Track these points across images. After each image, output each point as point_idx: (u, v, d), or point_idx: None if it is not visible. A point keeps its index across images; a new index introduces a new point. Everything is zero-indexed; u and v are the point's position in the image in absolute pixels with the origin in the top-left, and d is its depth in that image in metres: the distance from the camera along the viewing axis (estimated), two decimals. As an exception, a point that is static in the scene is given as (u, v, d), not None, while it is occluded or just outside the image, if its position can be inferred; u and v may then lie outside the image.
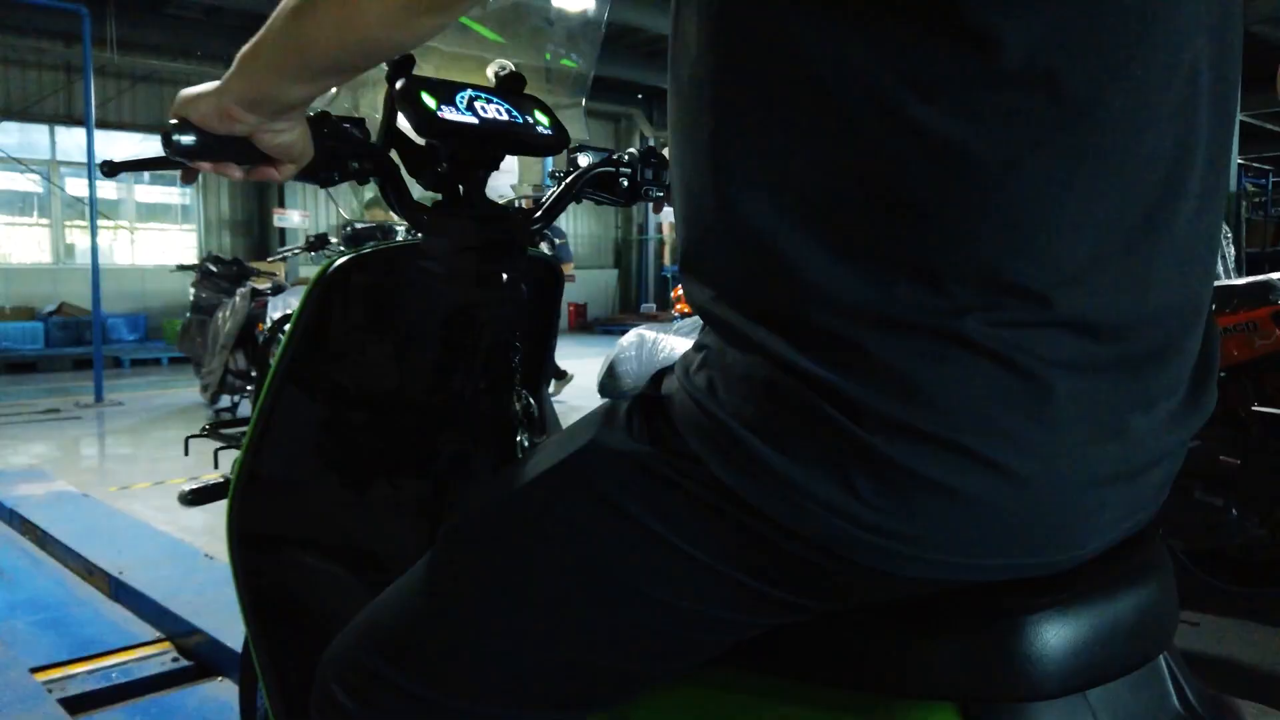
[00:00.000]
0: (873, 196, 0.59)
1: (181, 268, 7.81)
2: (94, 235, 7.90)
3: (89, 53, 7.89)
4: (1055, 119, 0.57)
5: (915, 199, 0.58)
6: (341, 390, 1.21)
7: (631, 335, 2.97)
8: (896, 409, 0.58)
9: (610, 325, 19.14)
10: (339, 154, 1.05)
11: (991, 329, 0.58)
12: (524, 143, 1.22)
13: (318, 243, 4.62)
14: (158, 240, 13.92)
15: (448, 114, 1.13)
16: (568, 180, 1.32)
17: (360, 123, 1.11)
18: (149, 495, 4.61)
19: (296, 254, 4.95)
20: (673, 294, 14.46)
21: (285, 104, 0.84)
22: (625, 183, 1.35)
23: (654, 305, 18.78)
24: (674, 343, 2.84)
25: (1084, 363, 0.60)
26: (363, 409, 1.23)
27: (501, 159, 1.25)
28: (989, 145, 0.57)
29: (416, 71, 1.18)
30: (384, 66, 1.16)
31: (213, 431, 2.56)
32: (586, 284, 17.60)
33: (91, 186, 7.99)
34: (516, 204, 1.81)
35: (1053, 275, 0.58)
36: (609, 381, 2.91)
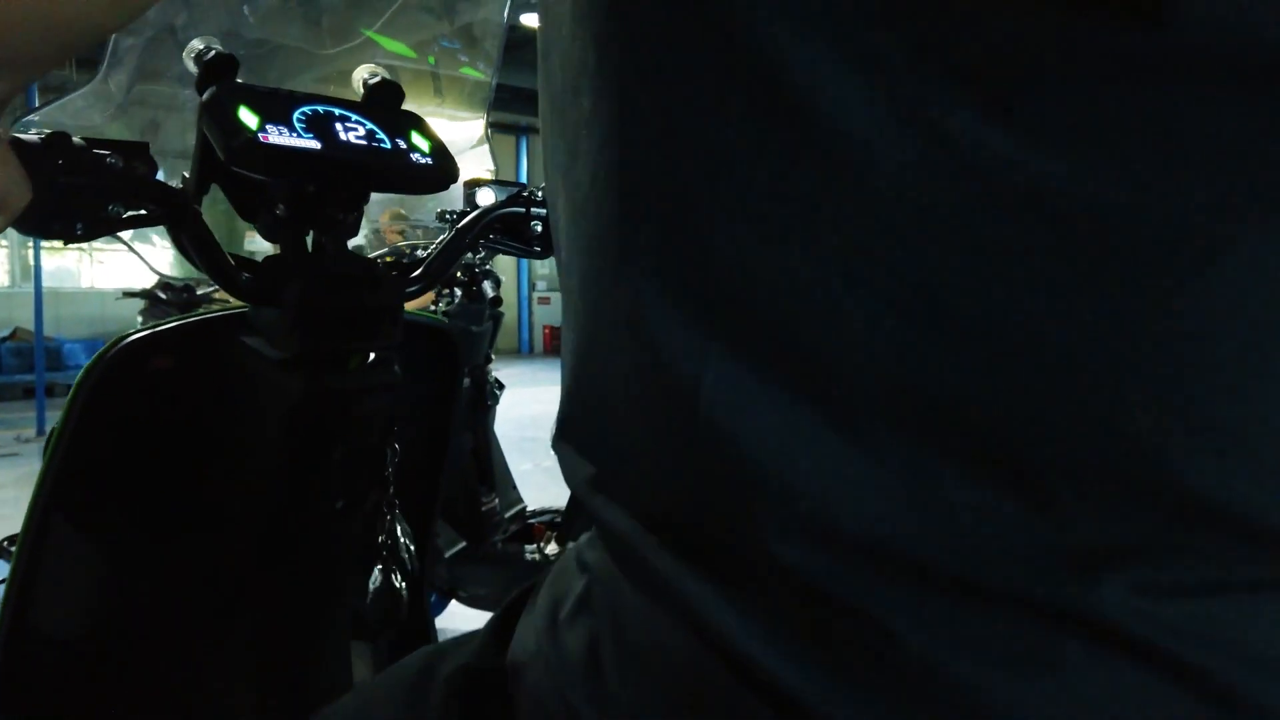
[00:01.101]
0: (918, 315, 0.29)
1: (128, 294, 7.41)
2: (37, 257, 7.54)
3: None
4: None
5: (1002, 318, 0.28)
6: (135, 521, 0.87)
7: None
8: None
9: (587, 349, 18.78)
10: (87, 195, 0.72)
11: (1161, 605, 0.28)
12: (392, 176, 0.89)
13: (180, 298, 2.83)
14: (122, 263, 13.49)
15: (275, 136, 0.80)
16: (462, 224, 0.99)
17: (140, 150, 0.77)
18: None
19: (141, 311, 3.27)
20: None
21: None
22: (540, 227, 1.02)
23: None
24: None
25: None
26: (166, 544, 0.89)
27: (364, 198, 0.92)
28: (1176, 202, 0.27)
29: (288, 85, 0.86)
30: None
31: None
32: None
33: (35, 208, 7.62)
34: (378, 249, 1.47)
35: None
36: (563, 436, 2.57)
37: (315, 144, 0.84)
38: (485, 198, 1.02)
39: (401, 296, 0.93)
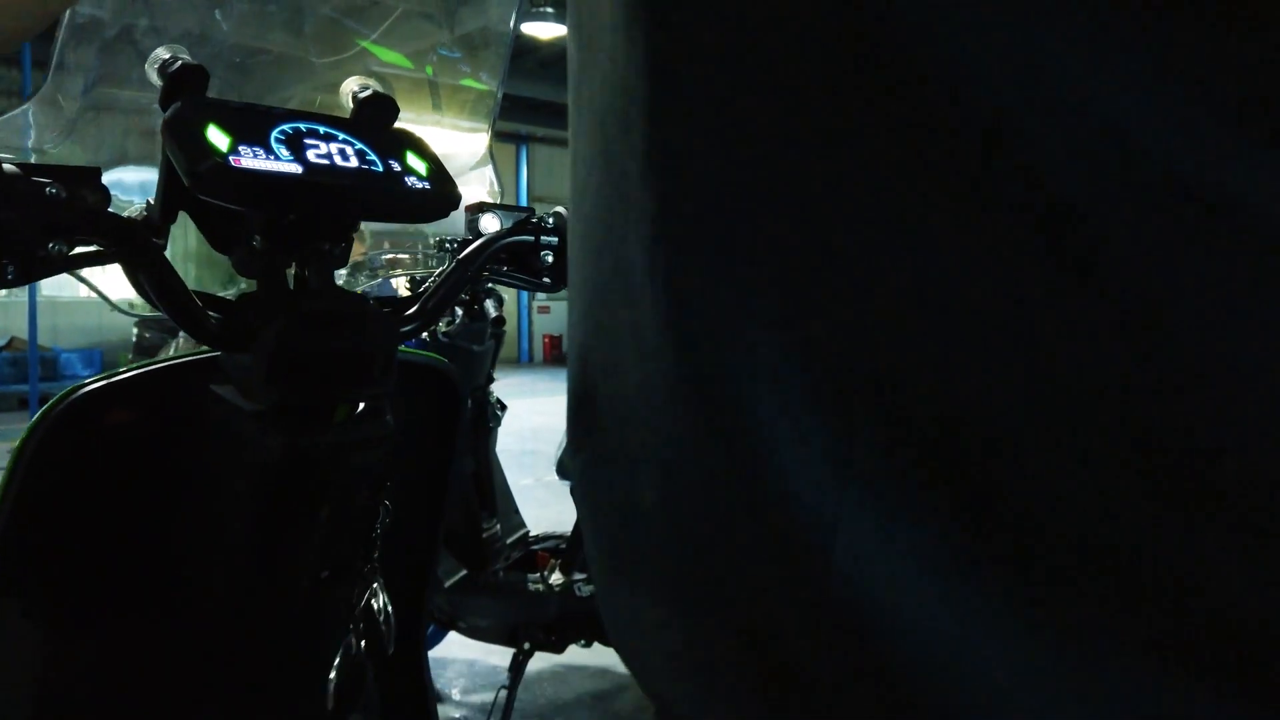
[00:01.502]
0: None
1: (118, 309, 7.32)
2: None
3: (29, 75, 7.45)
4: None
5: None
6: (88, 600, 0.76)
7: (594, 407, 2.52)
8: None
9: (587, 358, 18.70)
10: (20, 232, 0.61)
11: None
12: (384, 202, 0.79)
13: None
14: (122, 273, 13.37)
15: (249, 160, 0.70)
16: (464, 254, 0.88)
17: (89, 176, 0.67)
18: None
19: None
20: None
21: None
22: (550, 258, 0.92)
23: (632, 338, 18.38)
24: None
25: None
26: (122, 626, 0.78)
27: (352, 227, 0.82)
28: None
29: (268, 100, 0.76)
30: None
31: None
32: (562, 314, 17.26)
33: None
34: (371, 284, 1.36)
35: None
36: (568, 461, 2.46)
37: (295, 167, 0.74)
38: (489, 225, 0.92)
39: (395, 338, 0.82)
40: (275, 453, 0.74)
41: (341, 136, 0.80)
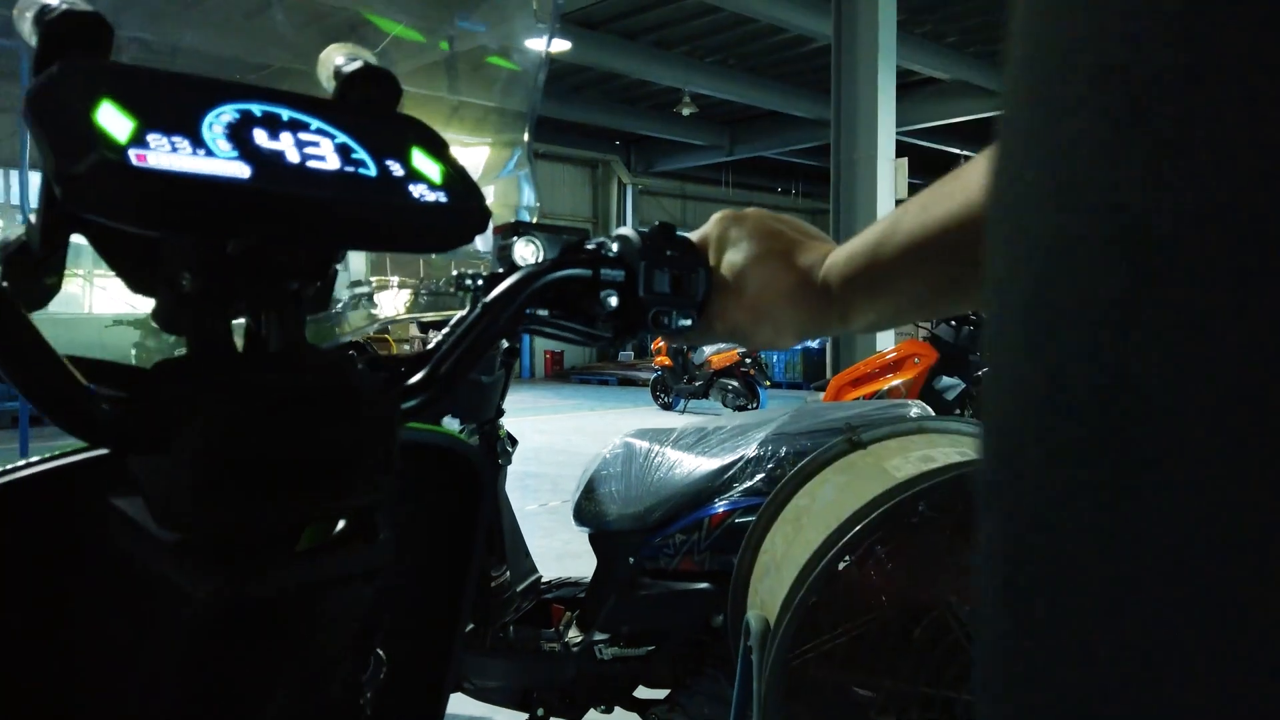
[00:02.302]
0: None
1: (119, 322, 7.04)
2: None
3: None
4: None
5: None
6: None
7: (617, 445, 2.25)
8: None
9: (588, 374, 18.48)
10: None
11: None
12: (376, 222, 0.53)
13: None
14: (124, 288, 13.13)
15: (162, 155, 0.45)
16: (494, 297, 0.63)
17: None
18: None
19: None
20: (652, 345, 13.85)
21: None
22: (614, 300, 0.66)
23: (631, 354, 18.14)
24: (674, 458, 2.13)
25: None
26: None
27: (335, 257, 0.56)
28: None
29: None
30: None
31: None
32: (563, 334, 17.02)
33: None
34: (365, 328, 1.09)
35: None
36: (588, 505, 2.19)
37: (241, 169, 0.49)
38: (526, 253, 0.66)
39: (393, 425, 0.56)
40: (199, 604, 0.48)
41: (316, 124, 0.55)
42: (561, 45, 10.69)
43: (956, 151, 16.82)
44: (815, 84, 13.69)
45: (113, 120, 0.47)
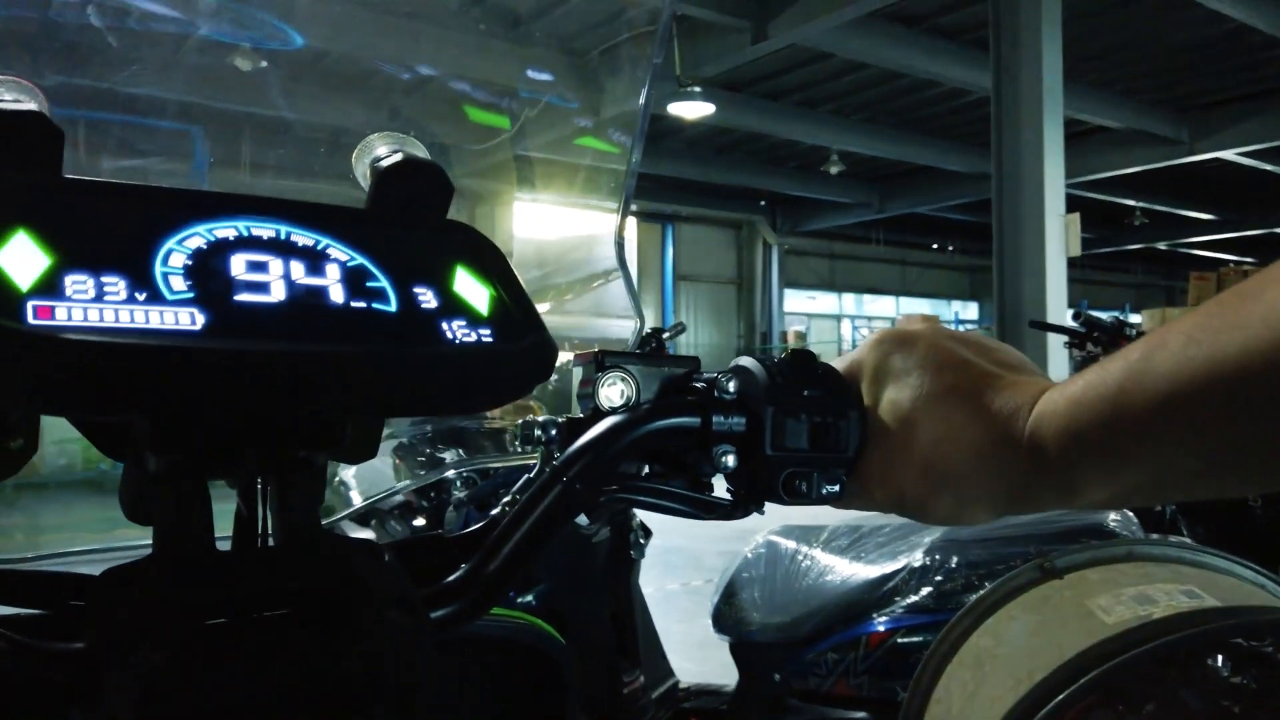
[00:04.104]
0: None
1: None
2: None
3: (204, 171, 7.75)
4: None
5: None
6: None
7: (760, 544, 2.04)
8: None
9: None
10: None
11: None
12: (391, 379, 0.37)
13: None
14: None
15: (79, 307, 0.30)
16: (571, 454, 0.46)
17: None
18: None
19: None
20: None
21: None
22: (731, 460, 0.48)
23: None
24: (825, 562, 1.90)
25: None
26: None
27: (337, 432, 0.40)
28: None
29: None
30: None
31: None
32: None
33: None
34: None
35: None
36: (728, 611, 1.99)
37: (191, 319, 0.34)
38: (614, 393, 0.49)
39: (418, 640, 0.40)
40: None
41: (325, 243, 0.40)
42: (704, 109, 10.69)
43: (1131, 204, 15.81)
44: (971, 137, 13.19)
45: (21, 260, 0.33)
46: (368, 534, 2.81)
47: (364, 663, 0.39)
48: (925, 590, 1.71)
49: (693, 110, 10.72)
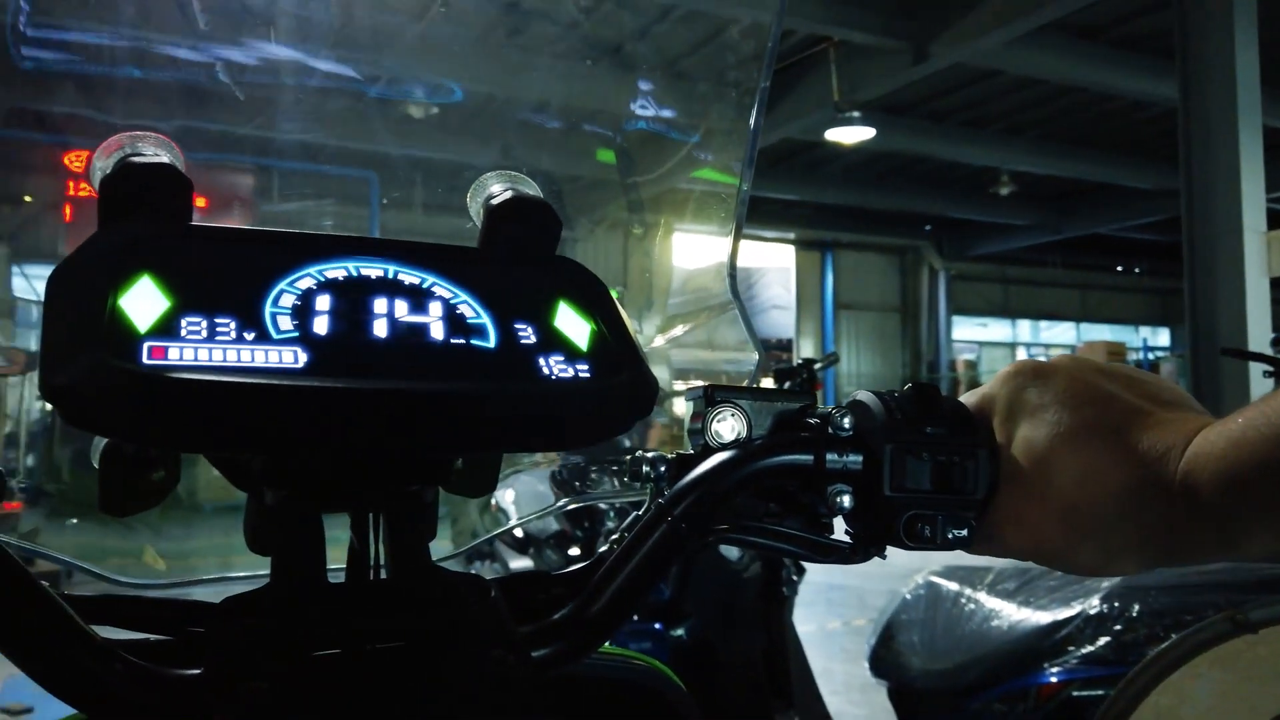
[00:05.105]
0: None
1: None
2: None
3: (375, 215, 8.27)
4: None
5: None
6: None
7: (919, 585, 1.95)
8: None
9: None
10: None
11: None
12: (484, 416, 0.36)
13: None
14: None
15: (185, 349, 0.33)
16: (680, 488, 0.45)
17: None
18: None
19: None
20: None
21: None
22: (847, 500, 0.45)
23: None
24: (990, 605, 1.79)
25: None
26: None
27: (445, 467, 0.41)
28: None
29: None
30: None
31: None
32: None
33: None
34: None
35: None
36: (886, 654, 1.90)
37: (295, 357, 0.35)
38: (725, 429, 0.47)
39: (520, 679, 0.40)
40: None
41: (431, 281, 0.41)
42: (864, 133, 10.49)
43: (1344, 216, 14.36)
44: (1157, 151, 12.34)
45: (143, 302, 0.35)
46: (524, 561, 2.87)
47: (465, 700, 0.39)
48: (1102, 640, 1.58)
49: (852, 135, 10.53)
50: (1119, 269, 20.22)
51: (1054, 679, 1.62)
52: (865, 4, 8.40)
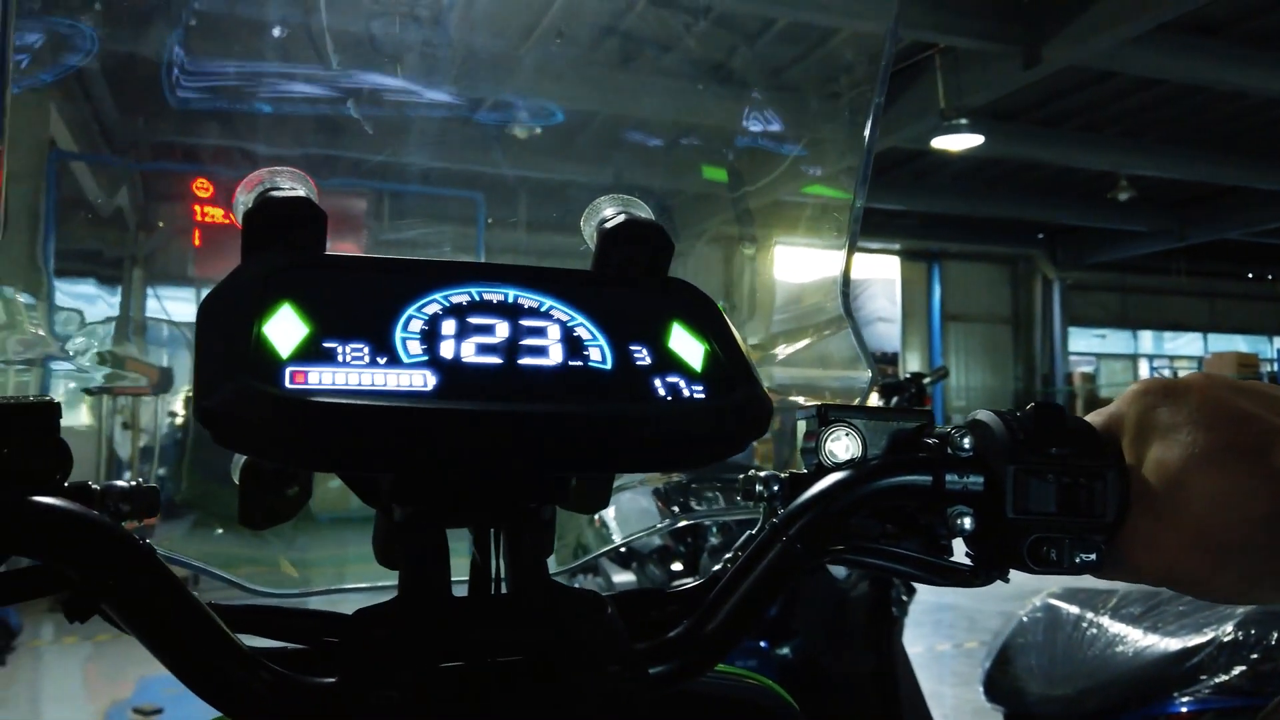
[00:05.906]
0: None
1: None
2: None
3: (481, 235, 8.48)
4: None
5: None
6: None
7: (1036, 607, 1.88)
8: None
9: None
10: None
11: None
12: (600, 437, 0.38)
13: None
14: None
15: (324, 373, 0.35)
16: (795, 508, 0.46)
17: (39, 423, 0.37)
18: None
19: None
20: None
21: None
22: (968, 522, 0.44)
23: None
24: (1115, 630, 1.71)
25: None
26: None
27: (562, 485, 0.42)
28: None
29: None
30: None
31: None
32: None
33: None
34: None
35: None
36: (1001, 678, 1.84)
37: (425, 380, 0.36)
38: (839, 449, 0.47)
39: (636, 695, 0.40)
40: None
41: (549, 304, 0.42)
42: (972, 140, 10.22)
43: None
44: (1291, 151, 11.65)
45: (285, 329, 0.37)
46: (627, 575, 2.89)
47: (583, 715, 0.40)
48: (1237, 669, 1.49)
49: (959, 143, 10.28)
50: (1249, 275, 19.10)
51: (1184, 709, 1.54)
52: (973, 9, 8.20)
